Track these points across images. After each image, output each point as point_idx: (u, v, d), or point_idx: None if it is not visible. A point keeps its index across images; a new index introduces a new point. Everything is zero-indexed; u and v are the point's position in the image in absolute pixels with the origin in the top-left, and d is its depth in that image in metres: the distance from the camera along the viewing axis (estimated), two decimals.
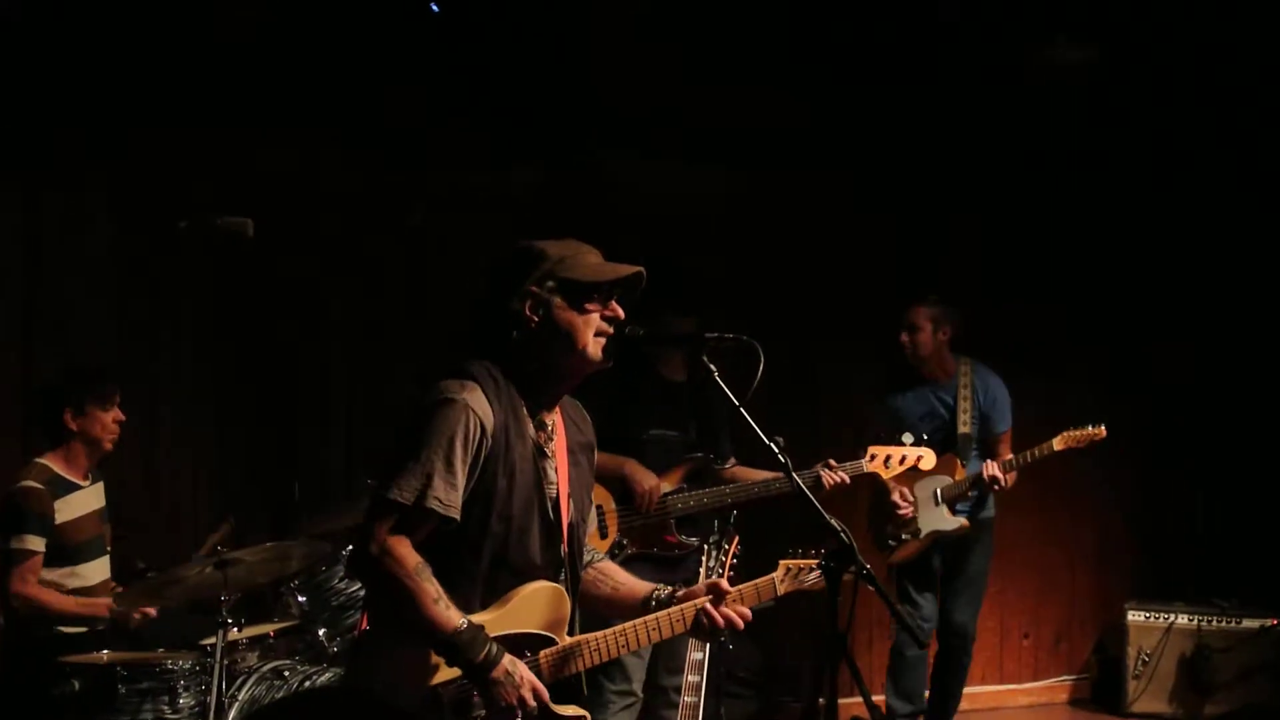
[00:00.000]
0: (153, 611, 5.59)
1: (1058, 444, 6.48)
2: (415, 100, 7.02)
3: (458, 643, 3.25)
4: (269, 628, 5.55)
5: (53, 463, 5.60)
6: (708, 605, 3.54)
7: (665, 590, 3.63)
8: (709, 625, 3.53)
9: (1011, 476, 6.56)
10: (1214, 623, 7.40)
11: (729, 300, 6.91)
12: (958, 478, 6.68)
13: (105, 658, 5.18)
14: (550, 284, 3.45)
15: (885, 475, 5.87)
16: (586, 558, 3.75)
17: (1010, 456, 6.60)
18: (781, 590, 3.69)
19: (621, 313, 3.50)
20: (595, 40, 6.95)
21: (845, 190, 7.61)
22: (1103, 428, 6.46)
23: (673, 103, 7.19)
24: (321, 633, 5.50)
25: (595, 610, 3.67)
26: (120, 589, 5.61)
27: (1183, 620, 7.46)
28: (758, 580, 3.69)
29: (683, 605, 3.57)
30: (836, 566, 3.34)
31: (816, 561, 3.63)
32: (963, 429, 6.73)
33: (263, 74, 6.68)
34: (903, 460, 5.80)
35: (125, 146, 6.67)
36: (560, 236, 3.57)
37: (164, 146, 6.72)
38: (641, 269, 3.52)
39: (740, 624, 3.55)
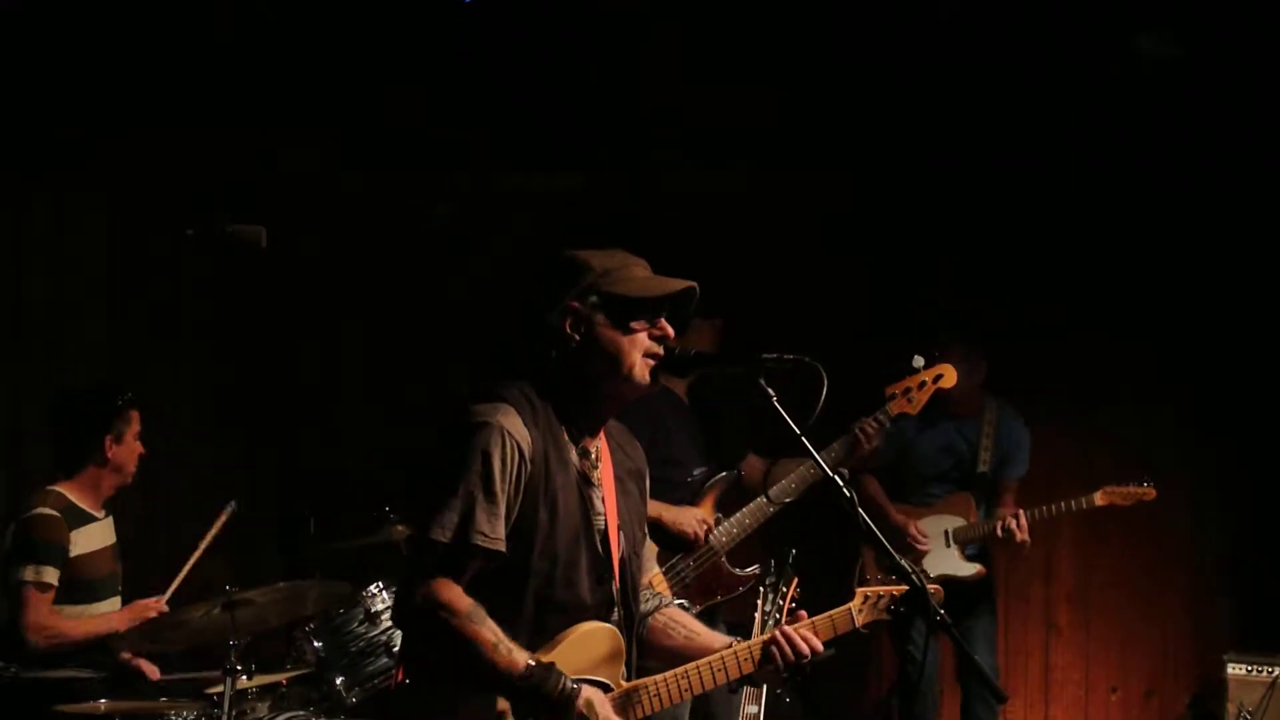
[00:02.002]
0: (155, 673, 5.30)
1: (1099, 499, 6.18)
2: (418, 100, 6.99)
3: (529, 684, 2.97)
4: (281, 676, 5.24)
5: (69, 491, 5.27)
6: (777, 634, 3.28)
7: (743, 643, 3.34)
8: (779, 657, 3.24)
9: (1026, 528, 6.19)
10: None
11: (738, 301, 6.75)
12: (971, 519, 6.34)
13: (103, 707, 4.85)
14: (594, 299, 3.16)
15: (913, 409, 5.48)
16: (654, 602, 3.48)
17: (1013, 508, 6.28)
18: (860, 621, 3.43)
19: (671, 331, 3.21)
20: (602, 38, 6.93)
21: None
22: (1153, 488, 6.16)
23: (675, 102, 7.15)
24: (339, 681, 5.17)
25: (667, 660, 3.35)
26: None
27: None
28: (833, 611, 3.42)
29: (749, 642, 3.29)
30: (907, 611, 3.07)
31: (898, 589, 3.37)
32: (981, 468, 6.43)
33: (263, 73, 6.58)
34: (922, 386, 5.46)
35: (121, 148, 6.49)
36: (586, 238, 3.33)
37: (161, 147, 6.56)
38: (694, 284, 3.22)
39: (808, 652, 3.26)
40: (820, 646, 3.30)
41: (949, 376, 5.49)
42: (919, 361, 5.50)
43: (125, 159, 6.55)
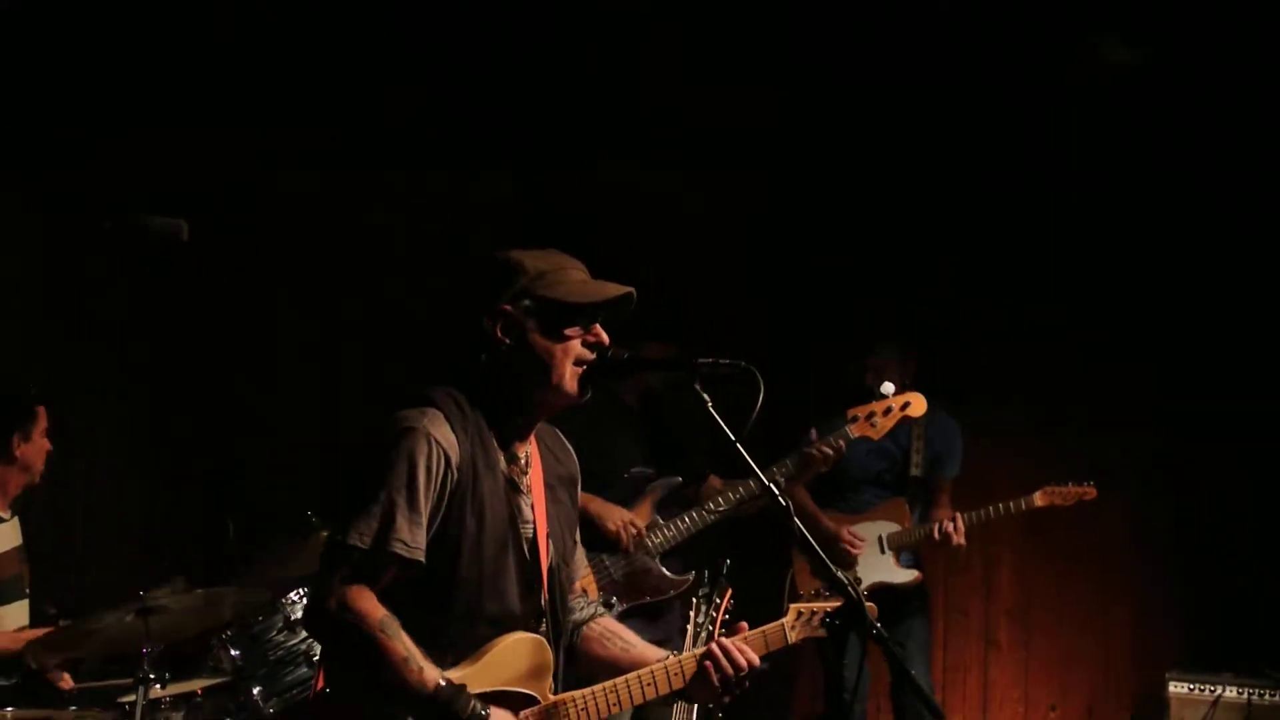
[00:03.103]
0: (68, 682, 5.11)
1: (1039, 500, 6.03)
2: (418, 100, 7.01)
3: (437, 704, 2.90)
4: (196, 684, 5.04)
5: None
6: (713, 647, 3.21)
7: (675, 658, 3.27)
8: (714, 672, 3.17)
9: (963, 531, 6.02)
10: (1266, 696, 6.53)
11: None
12: (906, 525, 6.19)
13: (9, 716, 4.71)
14: (526, 303, 3.09)
15: (875, 434, 5.33)
16: (589, 611, 3.42)
17: (949, 509, 6.16)
18: (793, 638, 3.36)
19: (606, 338, 3.13)
20: (602, 38, 6.89)
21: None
22: (1093, 487, 6.03)
23: (672, 103, 7.10)
24: (256, 691, 4.95)
25: (601, 671, 3.29)
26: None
27: (1231, 693, 6.55)
28: (766, 627, 3.36)
29: (681, 657, 3.21)
30: (842, 625, 3.02)
31: (832, 604, 3.27)
32: (914, 471, 6.29)
33: (263, 73, 6.60)
34: (888, 412, 5.29)
35: (121, 148, 6.48)
36: (542, 245, 3.21)
37: (161, 147, 6.57)
38: (632, 290, 3.13)
39: (745, 666, 3.20)
40: (757, 660, 3.23)
41: (917, 405, 5.34)
42: (889, 388, 5.37)
43: (125, 159, 6.54)
